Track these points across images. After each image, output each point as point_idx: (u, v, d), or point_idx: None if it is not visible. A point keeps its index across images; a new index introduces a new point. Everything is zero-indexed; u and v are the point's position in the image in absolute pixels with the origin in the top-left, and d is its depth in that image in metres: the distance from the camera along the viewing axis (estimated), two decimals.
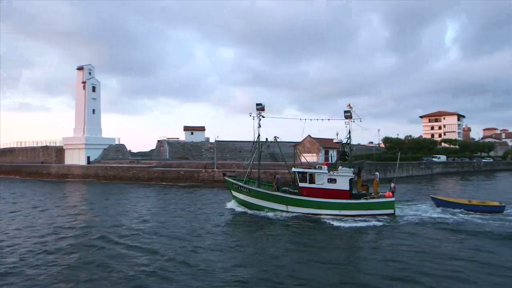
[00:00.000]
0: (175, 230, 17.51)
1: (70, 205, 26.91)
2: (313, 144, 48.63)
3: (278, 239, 16.08)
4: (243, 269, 11.70)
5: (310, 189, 21.38)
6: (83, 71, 63.45)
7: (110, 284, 10.47)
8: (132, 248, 14.35)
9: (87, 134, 61.11)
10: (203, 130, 74.06)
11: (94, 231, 17.61)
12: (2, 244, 15.12)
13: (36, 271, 11.58)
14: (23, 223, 19.86)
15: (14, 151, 71.01)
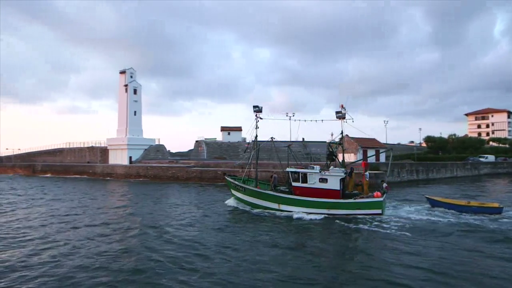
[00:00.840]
0: (206, 223, 17.94)
1: (115, 203, 28.17)
2: (351, 143, 47.65)
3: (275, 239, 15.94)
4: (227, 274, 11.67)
5: (303, 188, 22.05)
6: (125, 75, 66.16)
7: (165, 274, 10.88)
8: (174, 242, 14.85)
9: (129, 135, 63.61)
10: (240, 130, 74.77)
11: (137, 227, 18.38)
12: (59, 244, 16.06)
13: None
14: (77, 218, 21.08)
15: (63, 152, 75.18)
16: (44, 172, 68.96)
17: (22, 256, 13.36)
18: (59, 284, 10.56)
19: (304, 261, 12.66)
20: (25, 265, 12.24)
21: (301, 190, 22.08)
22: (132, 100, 65.46)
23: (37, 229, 18.36)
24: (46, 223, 19.99)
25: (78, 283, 10.60)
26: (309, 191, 21.80)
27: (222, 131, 74.09)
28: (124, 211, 24.21)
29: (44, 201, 29.78)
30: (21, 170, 74.56)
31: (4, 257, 13.23)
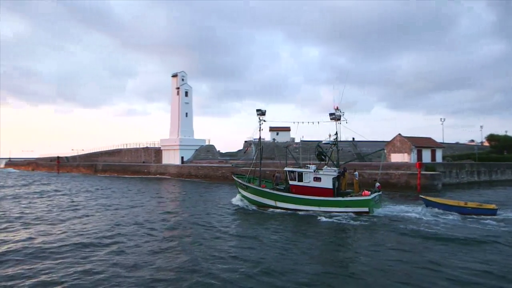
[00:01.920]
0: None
1: (170, 201, 29.44)
2: (404, 143, 45.60)
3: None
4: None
5: (298, 186, 23.23)
6: (177, 78, 68.74)
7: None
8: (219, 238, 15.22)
9: (181, 136, 65.95)
10: (288, 130, 74.52)
11: (188, 224, 19.07)
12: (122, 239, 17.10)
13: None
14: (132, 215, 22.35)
15: (121, 152, 79.68)
16: (104, 172, 73.63)
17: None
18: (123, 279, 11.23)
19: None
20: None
21: (297, 188, 23.24)
22: (183, 102, 67.82)
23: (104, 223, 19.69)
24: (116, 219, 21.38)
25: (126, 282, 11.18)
26: (305, 189, 22.90)
27: (270, 131, 74.32)
28: (179, 209, 25.16)
29: (111, 198, 31.84)
30: (85, 169, 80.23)
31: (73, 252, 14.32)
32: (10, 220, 21.01)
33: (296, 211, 22.52)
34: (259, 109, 26.70)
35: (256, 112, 26.74)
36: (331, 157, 24.59)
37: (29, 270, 11.71)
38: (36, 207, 26.73)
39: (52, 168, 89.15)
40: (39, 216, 22.37)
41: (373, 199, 21.57)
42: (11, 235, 17.04)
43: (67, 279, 10.74)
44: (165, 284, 10.38)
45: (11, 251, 14.08)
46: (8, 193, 37.45)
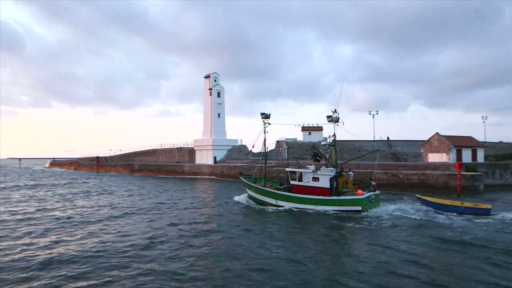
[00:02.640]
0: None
1: (205, 200, 29.98)
2: (442, 142, 43.78)
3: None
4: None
5: (298, 186, 24.57)
6: (209, 79, 69.74)
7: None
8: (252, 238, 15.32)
9: (213, 136, 66.84)
10: (321, 130, 73.57)
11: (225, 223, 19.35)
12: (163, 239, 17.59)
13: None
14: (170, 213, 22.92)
15: (156, 152, 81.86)
16: (140, 171, 75.92)
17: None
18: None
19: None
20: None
21: (297, 187, 24.62)
22: (216, 103, 68.69)
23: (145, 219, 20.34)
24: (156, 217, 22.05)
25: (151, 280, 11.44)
26: (304, 189, 24.19)
27: (302, 131, 73.69)
28: (214, 210, 25.55)
29: (150, 196, 32.85)
30: (122, 169, 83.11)
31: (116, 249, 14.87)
32: (81, 220, 21.94)
33: (294, 209, 23.75)
34: (263, 112, 28.34)
35: (260, 115, 28.40)
36: (331, 157, 25.67)
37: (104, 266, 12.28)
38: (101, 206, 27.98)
39: (92, 168, 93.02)
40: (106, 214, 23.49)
41: (367, 198, 22.41)
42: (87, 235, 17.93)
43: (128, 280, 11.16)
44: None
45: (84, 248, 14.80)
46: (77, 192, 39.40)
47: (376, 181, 37.94)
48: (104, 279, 10.85)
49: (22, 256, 13.21)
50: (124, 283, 10.48)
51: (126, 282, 10.60)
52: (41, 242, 15.56)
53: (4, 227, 18.82)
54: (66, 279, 10.87)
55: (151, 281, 10.65)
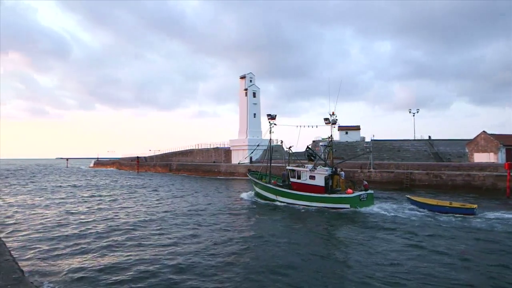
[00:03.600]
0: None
1: (242, 202, 30.38)
2: (490, 141, 41.52)
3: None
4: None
5: (297, 183, 26.35)
6: (244, 80, 70.32)
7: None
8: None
9: (249, 136, 67.29)
10: (358, 129, 72.15)
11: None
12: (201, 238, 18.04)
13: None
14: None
15: (193, 152, 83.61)
16: (178, 171, 77.84)
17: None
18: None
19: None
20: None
21: (296, 185, 26.41)
22: (251, 103, 69.13)
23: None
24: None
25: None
26: (302, 186, 25.90)
27: (339, 130, 72.53)
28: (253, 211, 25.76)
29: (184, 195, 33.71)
30: (161, 169, 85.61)
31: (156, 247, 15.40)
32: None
33: (291, 205, 25.75)
34: (269, 114, 30.40)
35: (267, 117, 30.41)
36: (329, 157, 27.18)
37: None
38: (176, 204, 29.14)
39: (133, 168, 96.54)
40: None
41: (356, 197, 23.74)
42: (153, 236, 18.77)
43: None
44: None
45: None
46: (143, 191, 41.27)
47: (417, 182, 36.86)
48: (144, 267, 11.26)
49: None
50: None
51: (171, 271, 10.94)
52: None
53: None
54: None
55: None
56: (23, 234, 17.15)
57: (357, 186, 25.78)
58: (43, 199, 31.43)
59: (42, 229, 18.30)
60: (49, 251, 13.98)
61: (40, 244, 15.11)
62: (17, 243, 15.35)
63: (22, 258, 12.64)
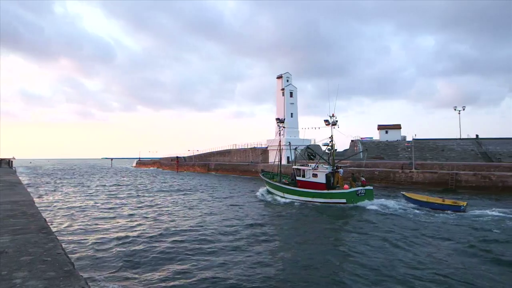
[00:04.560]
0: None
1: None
2: None
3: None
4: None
5: (302, 181, 28.57)
6: (281, 79, 70.18)
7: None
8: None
9: (286, 136, 67.08)
10: (399, 128, 69.86)
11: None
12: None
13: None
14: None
15: (231, 152, 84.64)
16: (216, 170, 79.10)
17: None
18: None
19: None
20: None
21: (301, 182, 28.62)
22: (288, 103, 68.89)
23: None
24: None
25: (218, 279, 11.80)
26: (306, 184, 28.06)
27: (379, 129, 70.63)
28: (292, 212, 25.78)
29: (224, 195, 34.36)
30: (199, 168, 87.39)
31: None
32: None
33: (296, 201, 27.76)
34: (278, 118, 33.33)
35: (276, 121, 32.82)
36: (331, 157, 28.76)
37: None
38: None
39: (172, 167, 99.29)
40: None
41: (352, 192, 25.53)
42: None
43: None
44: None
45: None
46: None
47: (463, 183, 35.08)
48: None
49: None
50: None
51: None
52: None
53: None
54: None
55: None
56: (75, 229, 18.14)
57: (357, 183, 27.67)
58: (98, 197, 33.09)
59: (93, 225, 19.28)
60: (99, 246, 14.69)
61: (91, 240, 15.92)
62: (68, 237, 16.28)
63: (72, 252, 13.40)
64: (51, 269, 3.65)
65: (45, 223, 6.56)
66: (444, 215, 21.19)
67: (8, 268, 3.70)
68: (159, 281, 10.75)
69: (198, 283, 10.54)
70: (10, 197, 10.21)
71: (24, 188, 14.60)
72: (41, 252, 4.38)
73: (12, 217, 6.94)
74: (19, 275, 3.49)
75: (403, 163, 45.70)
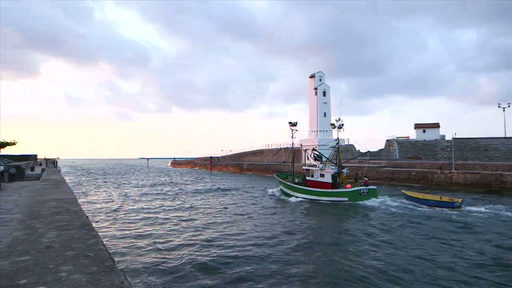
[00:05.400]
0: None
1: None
2: None
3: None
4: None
5: (311, 181, 30.81)
6: (314, 79, 69.45)
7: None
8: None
9: (319, 136, 66.36)
10: (437, 127, 67.12)
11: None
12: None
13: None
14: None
15: (263, 152, 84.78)
16: (249, 170, 79.51)
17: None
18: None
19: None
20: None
21: (310, 182, 30.83)
22: (321, 102, 68.08)
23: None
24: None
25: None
26: (314, 183, 30.30)
27: (416, 128, 68.25)
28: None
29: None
30: (232, 168, 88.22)
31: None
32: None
33: (305, 199, 29.57)
34: (290, 121, 36.58)
35: (289, 124, 36.56)
36: (338, 158, 30.66)
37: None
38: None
39: (206, 167, 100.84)
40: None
41: (354, 191, 27.50)
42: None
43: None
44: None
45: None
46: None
47: (508, 185, 33.20)
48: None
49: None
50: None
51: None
52: None
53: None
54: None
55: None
56: (114, 227, 18.90)
57: (359, 181, 29.62)
58: (136, 196, 34.30)
59: (132, 223, 20.01)
60: (137, 243, 15.23)
61: (129, 236, 16.52)
62: (108, 234, 16.98)
63: (111, 248, 13.97)
64: (93, 264, 3.85)
65: (87, 220, 6.89)
66: (438, 210, 23.12)
67: (54, 262, 3.93)
68: (194, 279, 10.99)
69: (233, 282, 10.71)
70: (56, 195, 10.80)
71: (67, 187, 15.36)
72: (84, 247, 4.62)
73: (58, 214, 7.34)
74: (64, 268, 3.70)
75: (442, 163, 43.86)
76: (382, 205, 25.56)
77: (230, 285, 10.47)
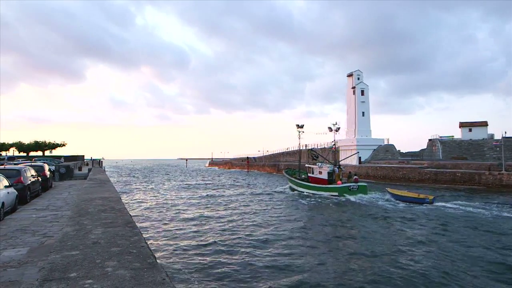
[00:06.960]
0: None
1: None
2: None
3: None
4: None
5: (311, 177, 35.66)
6: (352, 78, 67.99)
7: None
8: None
9: (357, 136, 64.89)
10: (485, 125, 63.57)
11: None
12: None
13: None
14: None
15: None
16: None
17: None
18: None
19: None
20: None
21: (311, 178, 35.59)
22: (359, 101, 66.51)
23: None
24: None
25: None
26: (314, 179, 35.07)
27: (461, 127, 65.01)
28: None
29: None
30: (269, 169, 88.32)
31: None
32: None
33: (303, 193, 34.30)
34: (297, 124, 41.95)
35: (296, 127, 42.16)
36: (335, 157, 37.09)
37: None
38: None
39: (243, 167, 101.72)
40: None
41: (343, 187, 31.51)
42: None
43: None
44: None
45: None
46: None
47: None
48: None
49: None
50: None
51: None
52: None
53: None
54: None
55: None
56: (156, 225, 19.56)
57: (351, 179, 33.24)
58: (177, 195, 35.35)
59: (173, 222, 20.63)
60: (178, 242, 15.68)
61: (171, 235, 17.04)
62: (149, 232, 17.59)
63: (153, 245, 14.48)
64: (136, 260, 4.04)
65: (130, 218, 7.21)
66: (410, 206, 25.87)
67: (101, 257, 4.16)
68: (232, 279, 11.15)
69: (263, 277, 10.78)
70: (101, 194, 11.36)
71: (112, 186, 16.10)
72: (128, 244, 4.85)
73: (103, 212, 7.73)
74: (110, 264, 3.91)
75: (491, 164, 41.41)
76: (364, 201, 28.76)
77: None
